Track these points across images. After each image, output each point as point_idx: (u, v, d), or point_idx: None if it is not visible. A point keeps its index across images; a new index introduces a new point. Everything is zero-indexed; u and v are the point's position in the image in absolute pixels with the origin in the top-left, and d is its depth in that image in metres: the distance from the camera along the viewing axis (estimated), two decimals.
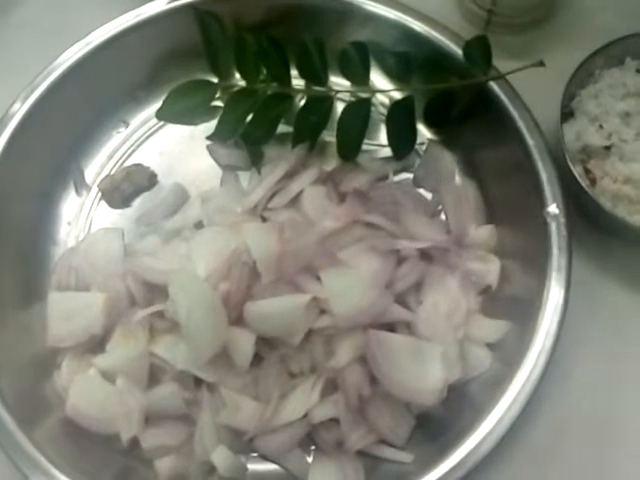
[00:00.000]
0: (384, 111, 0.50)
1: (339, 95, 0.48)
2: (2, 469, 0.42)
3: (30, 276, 0.47)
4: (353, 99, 0.49)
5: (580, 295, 0.44)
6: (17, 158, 0.47)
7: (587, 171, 0.47)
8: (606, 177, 0.46)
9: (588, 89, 0.48)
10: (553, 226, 0.43)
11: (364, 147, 0.49)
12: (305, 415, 0.42)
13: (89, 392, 0.42)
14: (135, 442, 0.42)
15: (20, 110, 0.48)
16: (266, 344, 0.43)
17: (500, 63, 0.47)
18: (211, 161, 0.51)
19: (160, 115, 0.52)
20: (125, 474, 0.42)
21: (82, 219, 0.50)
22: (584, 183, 0.45)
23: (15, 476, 0.40)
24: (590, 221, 0.48)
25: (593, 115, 0.47)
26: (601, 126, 0.46)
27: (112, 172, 0.51)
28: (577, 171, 0.45)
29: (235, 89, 0.50)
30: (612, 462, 0.44)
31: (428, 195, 0.50)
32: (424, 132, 0.52)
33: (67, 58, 0.49)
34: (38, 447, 0.40)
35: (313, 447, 0.43)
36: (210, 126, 0.51)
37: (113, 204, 0.50)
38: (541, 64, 0.46)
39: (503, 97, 0.47)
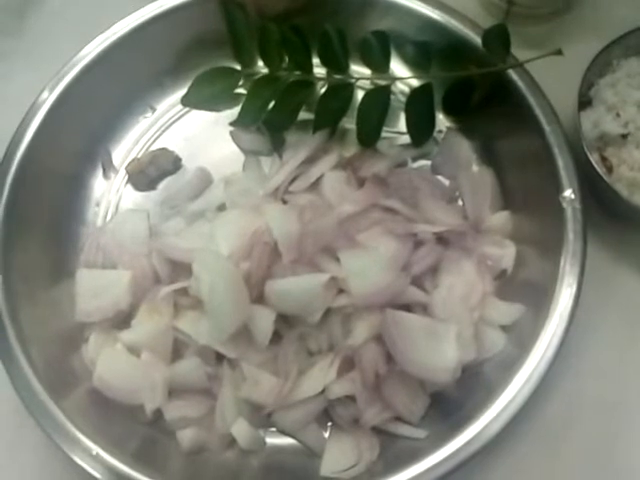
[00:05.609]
0: (403, 99, 0.51)
1: (359, 83, 0.49)
2: (32, 436, 0.44)
3: (60, 254, 0.49)
4: (373, 87, 0.50)
5: (594, 281, 0.45)
6: (48, 142, 0.49)
7: (604, 159, 0.47)
8: (623, 165, 0.46)
9: (606, 78, 0.48)
10: (569, 211, 0.44)
11: (383, 134, 0.50)
12: (322, 391, 0.43)
13: (115, 365, 0.44)
14: (158, 413, 0.44)
15: (51, 96, 0.49)
16: (286, 322, 0.44)
17: (519, 53, 0.48)
18: (234, 146, 0.52)
19: (185, 101, 0.53)
20: (148, 444, 0.43)
21: (110, 201, 0.52)
22: (601, 170, 0.45)
23: (44, 443, 0.42)
24: (606, 208, 0.48)
25: (610, 104, 0.47)
26: (618, 114, 0.47)
27: (139, 156, 0.53)
28: (594, 159, 0.46)
29: (258, 76, 0.52)
30: (622, 444, 0.45)
31: (446, 182, 0.50)
32: (442, 120, 0.52)
33: (95, 46, 0.50)
34: (67, 415, 0.41)
35: (330, 423, 0.44)
36: (233, 112, 0.52)
37: (139, 187, 0.52)
38: (559, 53, 0.46)
39: (521, 85, 0.47)
